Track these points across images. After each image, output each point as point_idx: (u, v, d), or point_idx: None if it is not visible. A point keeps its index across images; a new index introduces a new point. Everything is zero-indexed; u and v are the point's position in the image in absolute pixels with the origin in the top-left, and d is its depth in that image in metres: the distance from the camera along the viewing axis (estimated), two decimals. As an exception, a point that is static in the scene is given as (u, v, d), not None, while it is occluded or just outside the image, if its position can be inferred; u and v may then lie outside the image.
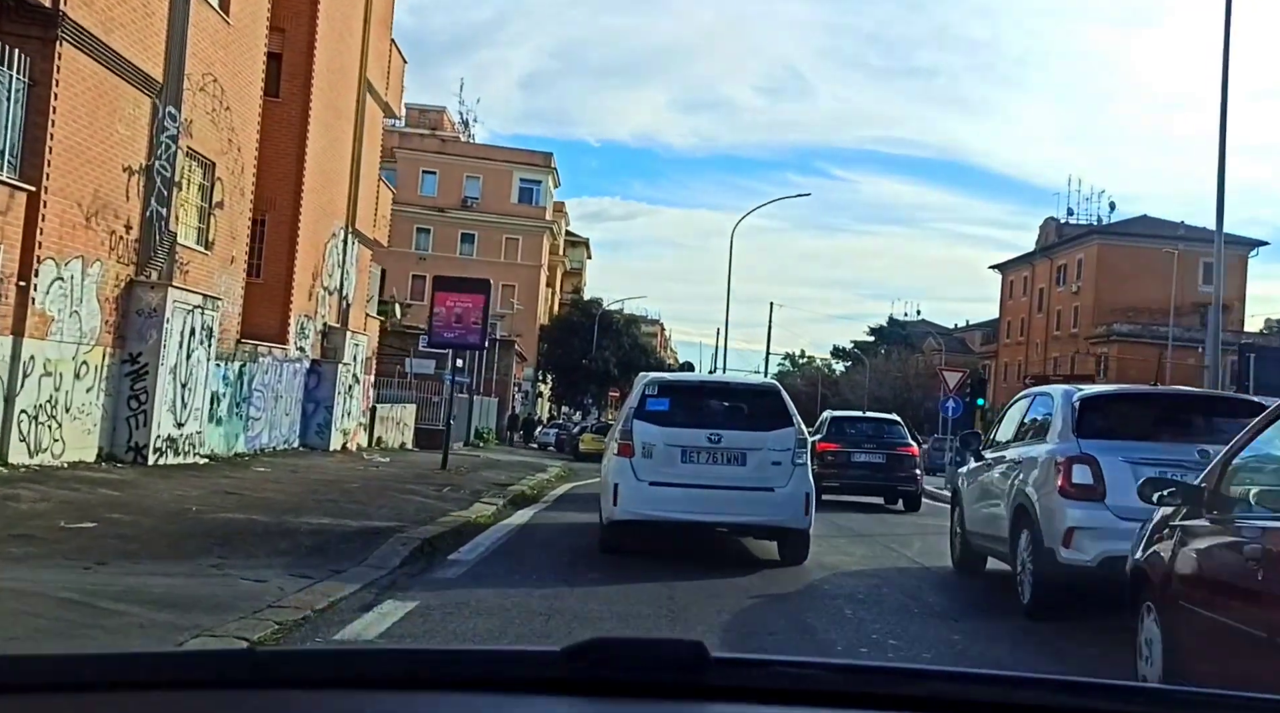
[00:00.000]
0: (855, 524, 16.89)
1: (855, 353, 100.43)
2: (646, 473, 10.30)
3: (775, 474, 10.35)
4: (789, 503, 10.31)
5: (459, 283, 23.18)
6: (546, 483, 23.40)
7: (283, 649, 4.46)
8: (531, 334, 69.67)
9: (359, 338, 27.01)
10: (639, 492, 10.28)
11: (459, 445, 43.05)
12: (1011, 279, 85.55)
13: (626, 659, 1.58)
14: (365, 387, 28.66)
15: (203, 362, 16.96)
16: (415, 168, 68.51)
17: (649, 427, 10.46)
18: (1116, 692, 1.72)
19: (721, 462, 10.37)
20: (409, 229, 68.24)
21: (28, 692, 1.51)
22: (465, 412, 44.93)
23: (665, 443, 10.38)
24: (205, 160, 17.50)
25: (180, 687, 1.56)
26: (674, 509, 10.26)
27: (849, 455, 20.62)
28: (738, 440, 10.42)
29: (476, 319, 22.16)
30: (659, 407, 10.65)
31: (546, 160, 70.65)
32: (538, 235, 69.97)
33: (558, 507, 17.91)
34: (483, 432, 46.73)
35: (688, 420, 10.59)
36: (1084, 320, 73.03)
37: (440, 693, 1.59)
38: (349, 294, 26.66)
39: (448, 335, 22.28)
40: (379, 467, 21.69)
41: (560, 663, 1.55)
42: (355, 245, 27.09)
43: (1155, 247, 72.05)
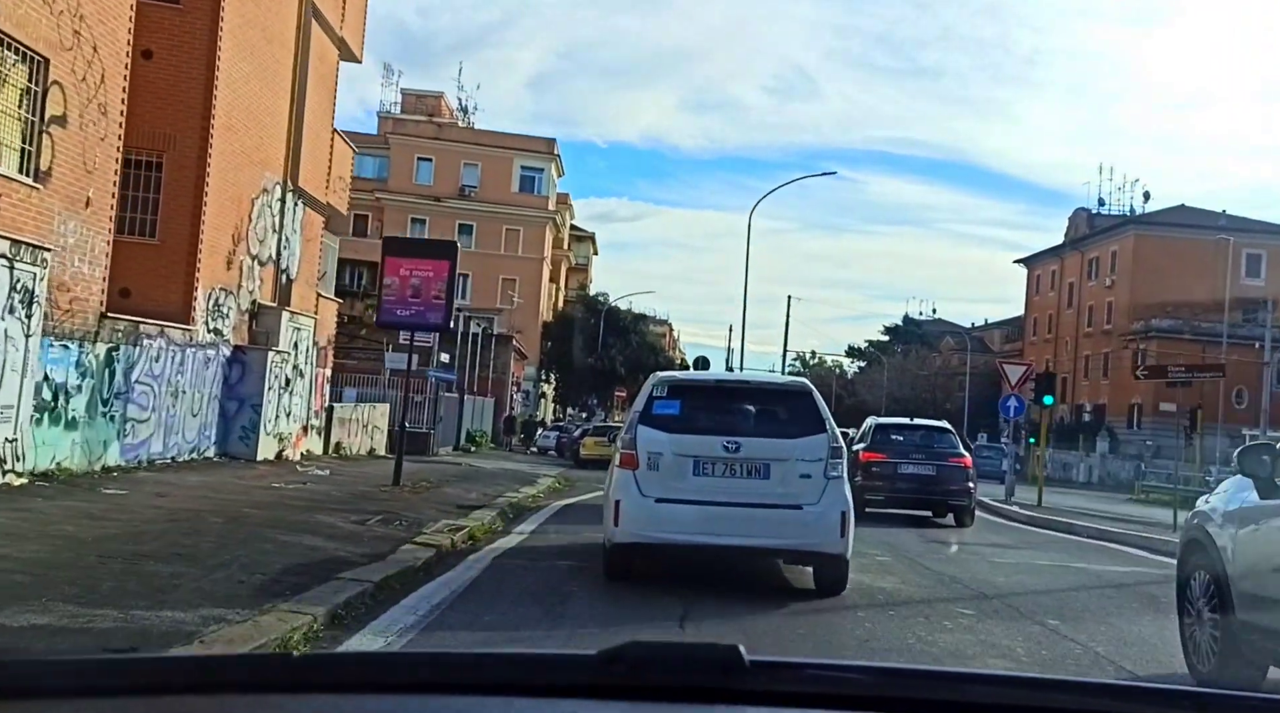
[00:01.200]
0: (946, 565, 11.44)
1: (872, 352, 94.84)
2: (652, 488, 8.73)
3: (805, 489, 8.75)
4: (821, 523, 8.71)
5: (415, 246, 17.85)
6: (531, 500, 17.98)
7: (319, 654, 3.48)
8: (534, 331, 64.25)
9: (302, 321, 21.52)
10: (643, 510, 8.70)
11: (447, 451, 37.67)
12: (1038, 274, 79.86)
13: (662, 663, 1.56)
14: (318, 382, 23.23)
15: (18, 338, 11.52)
16: (410, 154, 63.18)
17: (656, 434, 8.85)
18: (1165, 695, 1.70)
19: (740, 474, 8.77)
20: (403, 219, 62.97)
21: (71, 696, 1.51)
22: (454, 413, 39.53)
23: (674, 452, 8.79)
24: (28, 53, 12.05)
25: (218, 690, 1.56)
26: (684, 531, 8.67)
27: (895, 466, 18.89)
28: (760, 449, 8.80)
29: (439, 292, 16.68)
30: (668, 410, 9.00)
31: (549, 147, 65.22)
32: (540, 226, 64.54)
33: (537, 539, 12.58)
34: (475, 435, 41.28)
35: (701, 426, 8.93)
36: (1119, 316, 67.40)
37: (475, 697, 1.57)
38: (290, 267, 21.21)
39: (401, 313, 16.83)
40: (307, 484, 16.20)
41: (596, 667, 1.54)
42: (299, 208, 21.63)
43: (1195, 237, 66.46)
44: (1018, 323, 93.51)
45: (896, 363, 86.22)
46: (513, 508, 15.67)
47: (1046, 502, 25.87)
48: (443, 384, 35.59)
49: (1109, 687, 1.79)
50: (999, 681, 1.86)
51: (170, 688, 1.55)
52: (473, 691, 1.56)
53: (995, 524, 21.42)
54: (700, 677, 1.52)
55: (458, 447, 39.26)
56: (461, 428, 39.95)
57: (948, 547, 15.30)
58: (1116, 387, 66.91)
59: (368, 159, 63.71)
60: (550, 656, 2.43)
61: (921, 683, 1.71)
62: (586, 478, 29.05)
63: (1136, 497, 41.27)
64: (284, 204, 20.34)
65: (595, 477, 30.67)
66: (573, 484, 25.68)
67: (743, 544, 8.85)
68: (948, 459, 19.11)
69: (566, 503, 18.48)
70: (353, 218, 65.64)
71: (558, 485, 23.73)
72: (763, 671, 1.57)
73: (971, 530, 18.50)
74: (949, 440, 19.88)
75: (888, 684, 1.65)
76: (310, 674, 1.62)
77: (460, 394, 40.15)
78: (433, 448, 34.82)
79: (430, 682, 1.59)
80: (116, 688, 1.54)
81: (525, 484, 21.18)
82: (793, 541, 8.81)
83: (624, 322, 66.37)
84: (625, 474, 8.88)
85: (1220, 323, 64.86)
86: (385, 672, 1.68)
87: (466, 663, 1.83)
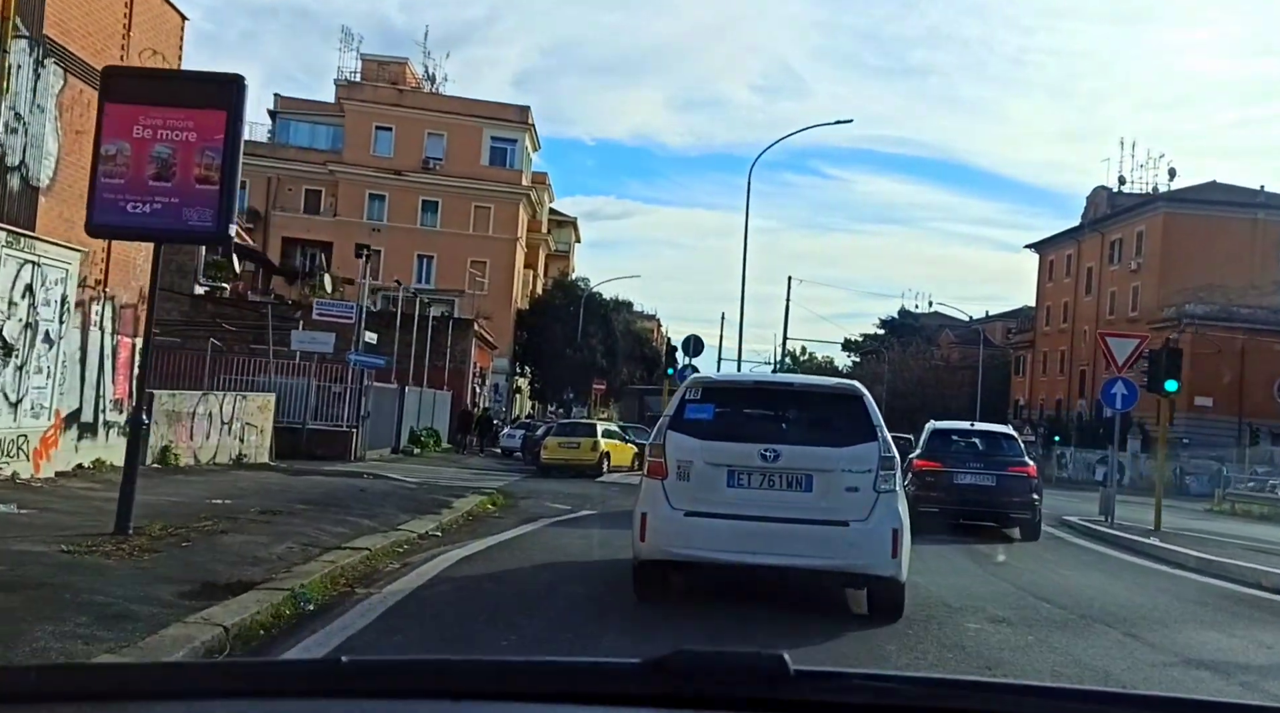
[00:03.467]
0: None
1: (869, 346, 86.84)
2: (682, 500, 7.71)
3: (851, 503, 7.58)
4: (869, 541, 7.51)
5: (162, 85, 9.48)
6: (393, 555, 9.93)
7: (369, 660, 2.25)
8: (506, 319, 55.99)
9: (61, 257, 13.16)
10: (671, 524, 7.67)
11: (378, 454, 29.39)
12: (1051, 259, 71.80)
13: (707, 672, 1.53)
14: (120, 358, 14.90)
15: None
16: (366, 123, 54.85)
17: (686, 440, 7.80)
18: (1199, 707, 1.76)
19: (779, 486, 7.66)
20: (359, 194, 54.75)
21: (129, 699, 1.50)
22: (393, 408, 31.20)
23: (706, 461, 7.74)
24: None
25: (271, 695, 1.56)
26: (716, 548, 7.63)
27: (952, 476, 16.92)
28: (801, 458, 7.66)
29: (206, 169, 8.50)
30: (701, 415, 7.92)
31: (523, 116, 56.94)
32: (513, 203, 56.27)
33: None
34: (422, 435, 32.99)
35: (736, 433, 7.87)
36: (1146, 302, 59.36)
37: (522, 704, 1.56)
38: (34, 170, 12.87)
39: (133, 207, 8.62)
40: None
41: (641, 676, 1.52)
42: (54, 74, 13.28)
43: (1231, 216, 58.53)
44: (1022, 314, 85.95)
45: (895, 357, 78.36)
46: (320, 588, 7.48)
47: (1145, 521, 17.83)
48: (369, 371, 27.27)
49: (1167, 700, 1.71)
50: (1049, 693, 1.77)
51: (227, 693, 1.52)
52: (519, 698, 1.54)
53: (1127, 565, 13.79)
54: (745, 686, 1.49)
55: (397, 449, 31.00)
56: (403, 426, 31.65)
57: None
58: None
59: (321, 129, 55.49)
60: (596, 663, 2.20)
61: (969, 694, 1.67)
62: (542, 492, 20.83)
63: (1218, 508, 33.19)
64: (8, 63, 11.88)
65: (555, 490, 22.16)
66: (513, 504, 17.52)
67: (781, 564, 7.75)
68: (1009, 468, 17.05)
69: (463, 555, 10.30)
70: (303, 193, 57.50)
71: (483, 510, 15.56)
72: (808, 680, 1.54)
73: (1125, 589, 11.68)
74: (1012, 447, 17.82)
75: (934, 695, 1.63)
76: (361, 680, 1.59)
77: (401, 385, 31.84)
78: (355, 451, 26.55)
79: (478, 689, 1.57)
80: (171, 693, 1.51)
81: (421, 515, 13.01)
82: (838, 560, 7.64)
83: (606, 309, 58.30)
84: (653, 484, 7.90)
85: (1260, 309, 57.03)
86: (435, 678, 1.65)
87: (513, 670, 1.79)
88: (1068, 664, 6.84)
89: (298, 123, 55.81)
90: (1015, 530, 16.85)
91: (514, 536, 12.87)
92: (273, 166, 54.14)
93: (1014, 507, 16.84)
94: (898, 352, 79.34)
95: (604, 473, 26.53)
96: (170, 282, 37.34)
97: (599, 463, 26.60)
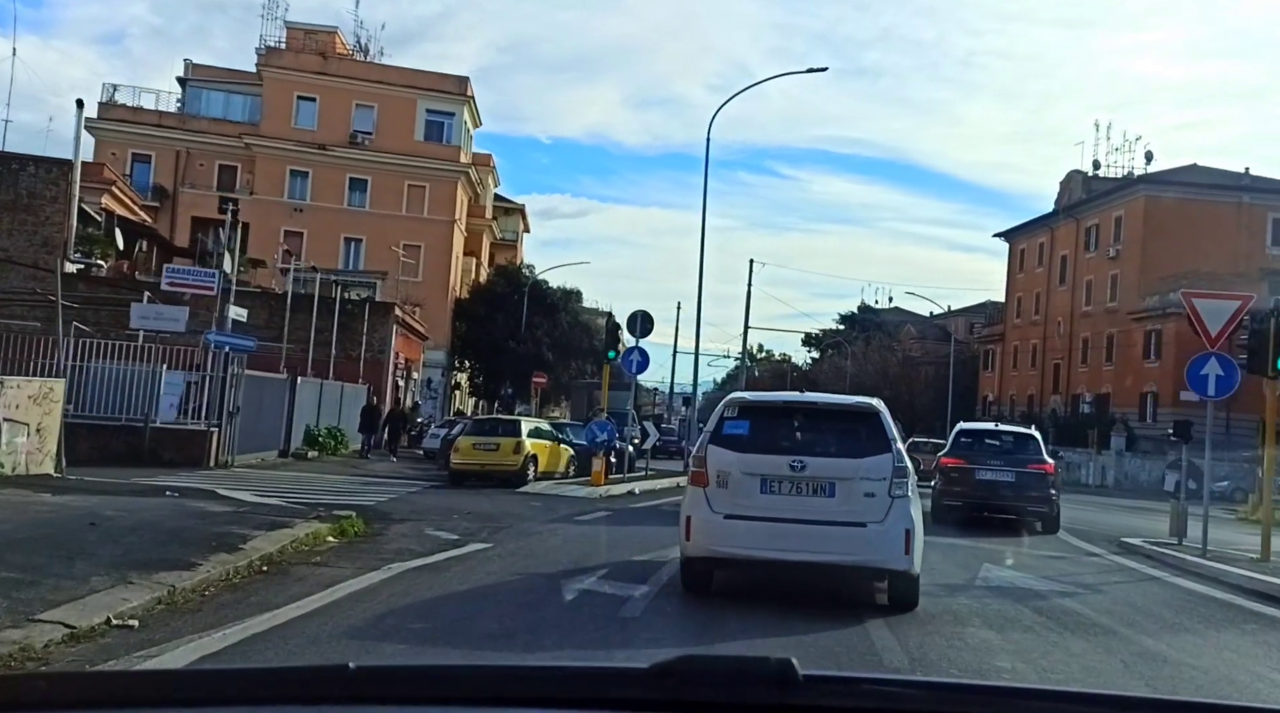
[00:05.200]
0: None
1: (835, 341, 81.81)
2: (721, 504, 8.49)
3: (868, 507, 8.34)
4: (885, 540, 8.28)
5: None
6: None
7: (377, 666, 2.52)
8: (442, 309, 50.12)
9: None
10: (713, 525, 8.45)
11: (264, 458, 23.53)
12: (1022, 248, 66.95)
13: (714, 677, 1.51)
14: None
15: None
16: (287, 93, 48.68)
17: (725, 453, 8.64)
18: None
19: (806, 493, 8.44)
20: (279, 171, 48.62)
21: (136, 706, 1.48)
22: (281, 402, 25.35)
23: (742, 471, 8.53)
24: None
25: (278, 702, 1.54)
26: (752, 546, 8.39)
27: (974, 472, 17.59)
28: (825, 468, 8.47)
29: None
30: (737, 430, 8.78)
31: (461, 88, 51.04)
32: (450, 182, 50.33)
33: None
34: (320, 434, 27.07)
35: (768, 446, 8.64)
36: (1125, 292, 54.58)
37: (528, 710, 1.52)
38: None
39: None
40: None
41: (648, 681, 1.50)
42: None
43: (1214, 200, 53.89)
44: (987, 309, 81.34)
45: (856, 351, 73.48)
46: None
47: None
48: (239, 356, 21.35)
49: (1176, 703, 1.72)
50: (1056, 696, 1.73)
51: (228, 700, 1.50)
52: (526, 703, 1.51)
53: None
54: (753, 691, 1.46)
55: (286, 452, 25.09)
56: (294, 425, 25.71)
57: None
58: (1124, 373, 54.09)
59: (237, 99, 49.29)
60: (603, 668, 2.27)
61: (977, 699, 1.64)
62: (432, 510, 15.28)
63: (1253, 516, 28.06)
64: None
65: (453, 507, 15.52)
66: (376, 533, 11.99)
67: (809, 560, 8.53)
68: (1028, 465, 17.70)
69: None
70: (216, 169, 51.17)
71: (311, 545, 10.03)
72: (816, 685, 1.51)
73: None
74: (1032, 446, 18.45)
75: (943, 699, 1.60)
76: (367, 687, 1.56)
77: (294, 375, 25.91)
78: (215, 455, 20.68)
79: (485, 695, 1.54)
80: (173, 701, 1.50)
81: (148, 572, 7.27)
82: (858, 557, 8.46)
83: (553, 299, 52.54)
84: (696, 491, 8.71)
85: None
86: (442, 685, 1.62)
87: (520, 676, 1.77)
88: None
89: (211, 92, 49.50)
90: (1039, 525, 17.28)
91: (313, 608, 7.23)
92: (182, 139, 47.87)
93: (1032, 501, 17.43)
94: (861, 347, 74.43)
95: (529, 481, 20.86)
96: (34, 256, 31.28)
97: (523, 469, 20.92)
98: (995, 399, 68.41)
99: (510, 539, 12.14)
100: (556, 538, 12.46)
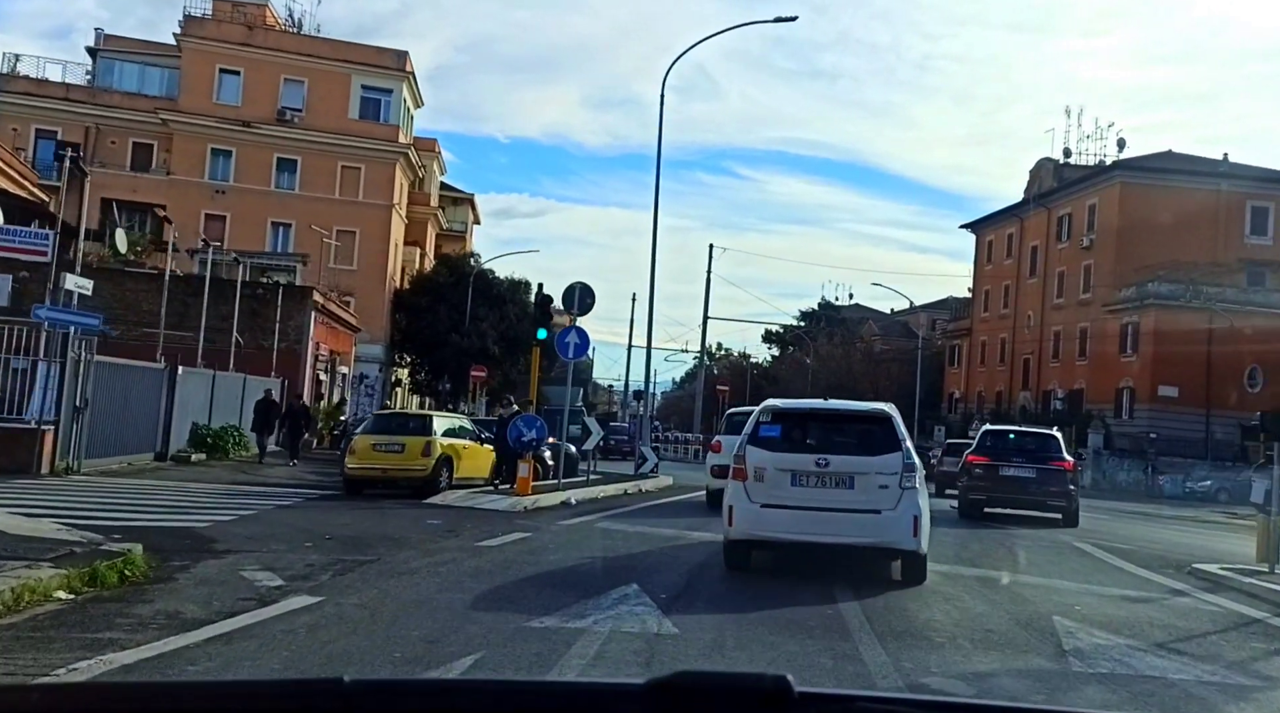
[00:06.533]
0: None
1: (797, 336, 78.20)
2: (758, 495, 9.76)
3: (882, 497, 9.60)
4: (895, 524, 9.54)
5: None
6: None
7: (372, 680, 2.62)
8: (380, 299, 45.89)
9: None
10: (751, 513, 9.75)
11: (130, 462, 19.25)
12: (990, 239, 63.66)
13: (710, 694, 1.48)
14: None
15: None
16: (209, 64, 44.12)
17: (761, 452, 9.93)
18: None
19: (830, 485, 9.70)
20: (200, 150, 44.08)
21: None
22: (158, 395, 21.13)
23: (775, 467, 9.81)
24: None
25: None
26: (784, 530, 9.74)
27: (998, 469, 18.39)
28: (845, 465, 9.74)
29: None
30: (771, 433, 10.10)
31: (400, 62, 46.71)
32: (388, 164, 46.02)
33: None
34: (209, 434, 22.80)
35: (797, 446, 10.00)
36: (1099, 283, 51.34)
37: None
38: None
39: None
40: None
41: (645, 698, 1.46)
42: None
43: (1192, 187, 50.75)
44: (949, 304, 78.26)
45: (822, 349, 69.90)
46: None
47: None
48: (86, 338, 17.09)
49: None
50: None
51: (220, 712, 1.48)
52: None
53: None
54: (748, 708, 1.45)
55: (164, 455, 20.85)
56: (174, 422, 21.42)
57: None
58: (1098, 368, 50.89)
59: (153, 71, 44.66)
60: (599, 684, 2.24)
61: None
62: (283, 535, 11.17)
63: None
64: None
65: (319, 528, 11.45)
66: (164, 580, 7.89)
67: (832, 541, 9.68)
68: (1049, 463, 18.42)
69: None
70: (130, 147, 46.43)
71: (13, 605, 5.71)
72: (811, 702, 1.50)
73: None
74: (1052, 445, 19.01)
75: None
76: (361, 701, 1.51)
77: (171, 364, 21.62)
78: (50, 459, 16.44)
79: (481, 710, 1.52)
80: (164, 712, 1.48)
81: None
82: (873, 538, 9.58)
83: (499, 289, 48.48)
84: (737, 485, 9.86)
85: (1228, 287, 49.38)
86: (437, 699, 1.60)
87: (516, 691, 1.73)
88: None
89: (125, 63, 44.82)
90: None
91: None
92: (91, 114, 43.17)
93: (1052, 495, 18.15)
94: (823, 343, 70.91)
95: (441, 490, 16.76)
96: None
97: (433, 474, 16.83)
98: (962, 396, 65.14)
99: (361, 585, 8.12)
100: (431, 582, 8.44)
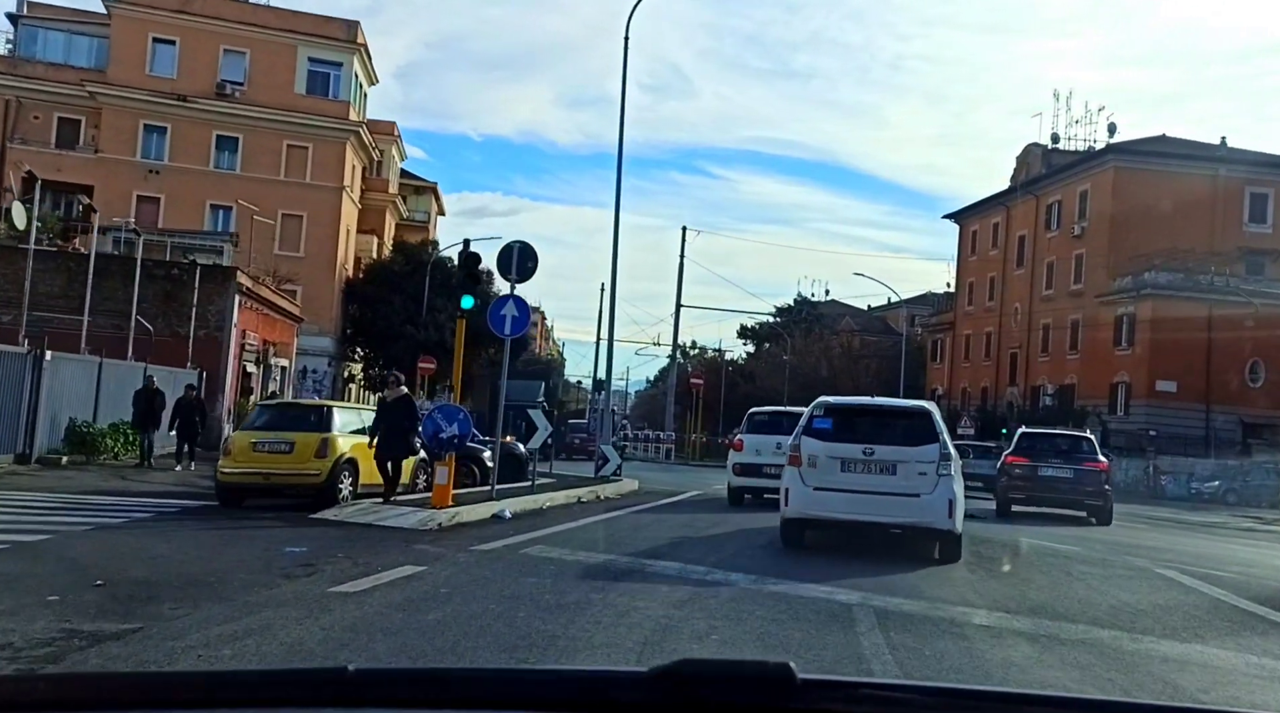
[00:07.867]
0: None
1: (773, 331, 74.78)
2: (811, 479, 10.89)
3: (921, 483, 10.64)
4: (932, 506, 10.57)
5: None
6: None
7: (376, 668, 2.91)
8: (329, 289, 42.14)
9: None
10: (805, 495, 10.91)
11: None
12: (974, 229, 60.47)
13: (712, 681, 1.47)
14: None
15: None
16: (141, 33, 40.19)
17: (814, 442, 11.04)
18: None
19: (875, 471, 10.75)
20: (132, 125, 40.10)
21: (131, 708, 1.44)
22: (18, 386, 17.31)
23: (827, 455, 10.92)
24: None
25: (275, 705, 1.47)
26: (834, 510, 10.82)
27: (1036, 469, 19.00)
28: (888, 454, 10.78)
29: None
30: (824, 425, 11.15)
31: (351, 34, 42.95)
32: (338, 143, 42.26)
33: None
34: (89, 430, 19.01)
35: (846, 436, 11.03)
36: (1092, 273, 48.20)
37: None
38: None
39: None
40: None
41: (646, 685, 1.46)
42: None
43: (1189, 172, 47.70)
44: (929, 300, 75.11)
45: (799, 345, 66.57)
46: None
47: None
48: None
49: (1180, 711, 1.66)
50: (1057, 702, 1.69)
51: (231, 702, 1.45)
52: (525, 707, 1.47)
53: None
54: (751, 696, 1.43)
55: (29, 456, 17.09)
56: (43, 416, 17.65)
57: None
58: (1091, 362, 47.74)
59: (81, 40, 40.61)
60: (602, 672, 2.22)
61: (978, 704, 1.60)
62: (58, 582, 7.18)
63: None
64: None
65: (122, 564, 8.52)
66: None
67: (876, 520, 10.84)
68: (1084, 463, 18.89)
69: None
70: (55, 122, 42.35)
71: None
72: (814, 690, 1.48)
73: None
74: (1088, 446, 19.56)
75: (943, 705, 1.56)
76: (365, 690, 1.50)
77: (36, 350, 17.83)
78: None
79: (484, 698, 1.51)
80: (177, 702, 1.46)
81: None
82: (912, 519, 10.73)
83: (459, 280, 44.56)
84: (792, 470, 11.08)
85: (1226, 277, 46.40)
86: (441, 688, 1.57)
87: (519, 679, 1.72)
88: None
89: (50, 31, 40.79)
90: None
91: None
92: (12, 86, 39.15)
93: (1088, 495, 18.70)
94: (800, 340, 67.59)
95: (340, 500, 13.08)
96: None
97: (331, 481, 13.13)
98: (945, 392, 61.89)
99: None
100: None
